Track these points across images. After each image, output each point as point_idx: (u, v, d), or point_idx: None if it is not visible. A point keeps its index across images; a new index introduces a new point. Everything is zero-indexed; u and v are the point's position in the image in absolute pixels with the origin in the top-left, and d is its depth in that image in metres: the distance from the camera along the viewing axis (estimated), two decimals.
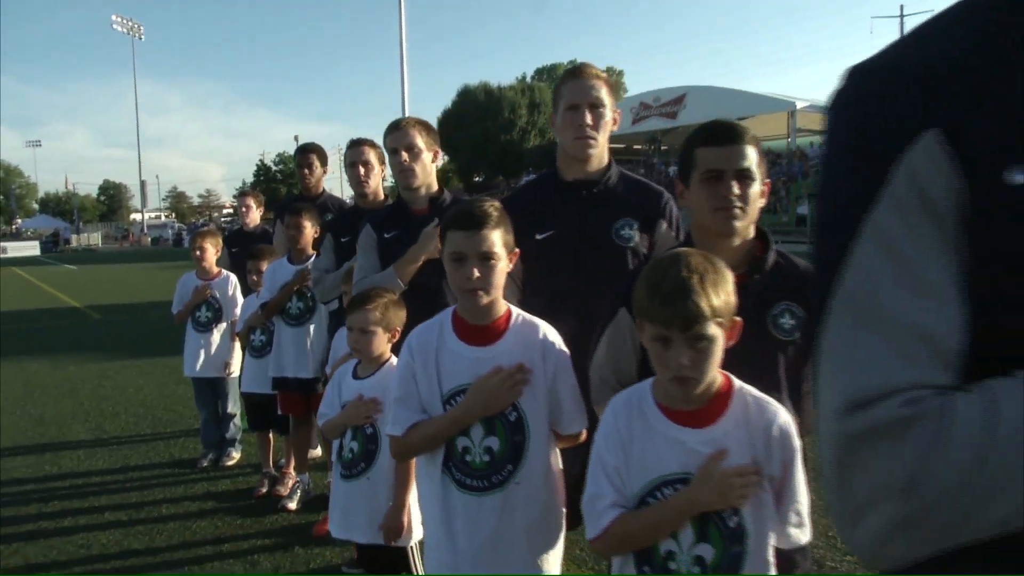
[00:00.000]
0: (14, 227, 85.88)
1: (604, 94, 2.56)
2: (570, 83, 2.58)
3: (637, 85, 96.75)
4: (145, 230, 75.34)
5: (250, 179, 66.13)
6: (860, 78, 0.85)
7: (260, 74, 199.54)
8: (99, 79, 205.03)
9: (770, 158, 44.74)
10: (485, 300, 1.95)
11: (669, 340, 1.55)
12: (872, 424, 0.71)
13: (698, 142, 1.94)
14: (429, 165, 3.14)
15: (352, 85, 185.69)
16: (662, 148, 54.13)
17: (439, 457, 2.01)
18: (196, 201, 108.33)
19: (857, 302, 0.75)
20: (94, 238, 72.71)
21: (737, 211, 1.85)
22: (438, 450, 2.00)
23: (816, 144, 45.15)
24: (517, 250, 2.04)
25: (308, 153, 5.06)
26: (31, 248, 55.37)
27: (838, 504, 0.74)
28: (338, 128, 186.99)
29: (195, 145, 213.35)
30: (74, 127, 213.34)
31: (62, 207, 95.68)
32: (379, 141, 3.50)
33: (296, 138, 74.21)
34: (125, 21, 73.85)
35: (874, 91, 0.82)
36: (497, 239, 1.93)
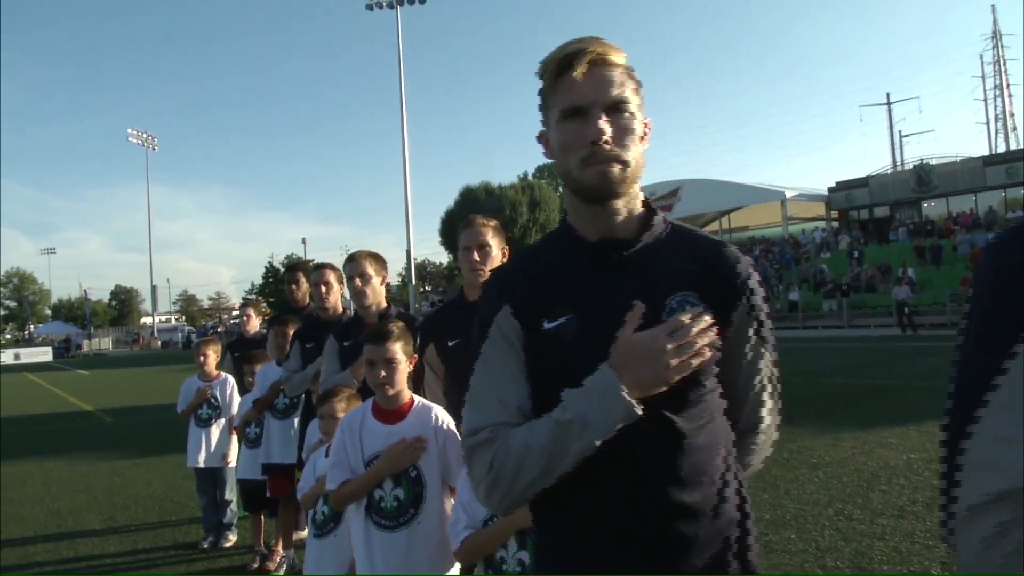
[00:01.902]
0: (27, 333, 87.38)
1: (490, 237, 3.25)
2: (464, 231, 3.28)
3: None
4: (155, 333, 76.37)
5: (259, 280, 67.44)
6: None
7: (270, 179, 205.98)
8: (113, 187, 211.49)
9: (764, 246, 46.01)
10: (391, 392, 2.78)
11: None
12: (474, 442, 1.50)
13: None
14: (378, 288, 4.02)
15: (357, 187, 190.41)
16: None
17: (363, 505, 2.80)
18: (206, 304, 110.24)
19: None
20: (105, 342, 73.95)
21: None
22: (362, 500, 2.80)
23: (807, 231, 46.42)
24: (415, 355, 2.88)
25: (295, 271, 5.97)
26: (43, 354, 56.51)
27: (472, 480, 1.53)
28: (345, 230, 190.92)
29: (206, 248, 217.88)
30: (87, 233, 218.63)
31: (74, 312, 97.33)
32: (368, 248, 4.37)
33: (303, 241, 76.09)
34: (140, 134, 77.11)
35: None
36: (398, 349, 2.78)
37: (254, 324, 6.85)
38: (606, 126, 1.43)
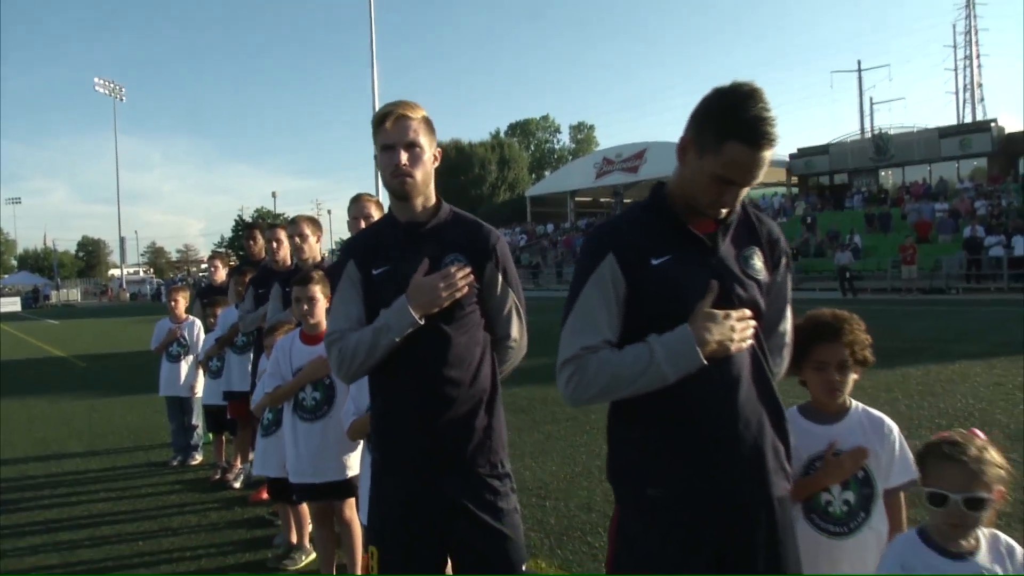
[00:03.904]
0: None
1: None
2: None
3: (607, 140, 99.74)
4: (124, 285, 76.26)
5: (228, 234, 67.50)
6: None
7: (239, 131, 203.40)
8: (80, 136, 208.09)
9: None
10: (312, 321, 3.82)
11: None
12: (329, 341, 2.54)
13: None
14: (315, 245, 5.02)
15: (328, 141, 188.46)
16: (624, 201, 56.58)
17: (291, 404, 3.86)
18: (175, 256, 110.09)
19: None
20: (73, 294, 73.70)
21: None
22: (290, 400, 3.85)
23: (767, 196, 47.73)
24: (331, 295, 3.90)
25: (252, 229, 6.94)
26: (12, 304, 56.54)
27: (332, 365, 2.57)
28: (317, 183, 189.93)
29: (174, 200, 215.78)
30: (54, 183, 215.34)
31: (41, 263, 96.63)
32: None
33: (274, 194, 76.22)
34: (107, 83, 75.88)
35: None
36: (317, 290, 3.80)
37: (221, 274, 7.79)
38: (404, 156, 2.43)
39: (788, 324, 2.26)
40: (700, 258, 2.02)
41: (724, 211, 2.01)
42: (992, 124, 40.59)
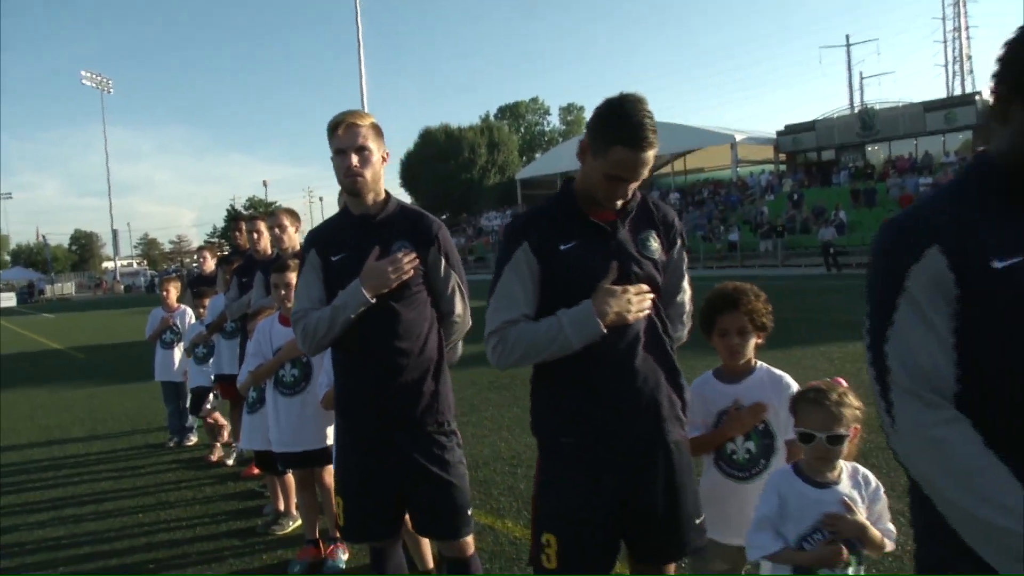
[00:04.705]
0: None
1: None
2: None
3: None
4: (118, 278, 76.41)
5: (221, 224, 67.69)
6: None
7: (231, 120, 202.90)
8: (68, 128, 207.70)
9: (712, 188, 47.60)
10: (288, 306, 4.20)
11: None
12: (295, 318, 2.93)
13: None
14: (293, 235, 5.38)
15: (319, 128, 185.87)
16: None
17: (272, 381, 4.25)
18: (168, 247, 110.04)
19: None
20: (67, 287, 73.99)
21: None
22: (271, 376, 4.24)
23: (755, 173, 48.04)
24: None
25: (237, 221, 7.28)
26: (8, 299, 56.81)
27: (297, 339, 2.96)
28: (308, 171, 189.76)
29: (166, 191, 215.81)
30: (43, 177, 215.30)
31: (34, 258, 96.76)
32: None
33: (264, 183, 76.50)
34: (94, 76, 75.72)
35: None
36: (293, 277, 4.17)
37: (210, 265, 8.16)
38: (355, 159, 2.84)
39: (686, 295, 2.64)
40: (602, 243, 2.38)
41: (620, 202, 2.37)
42: (977, 97, 40.85)
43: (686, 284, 2.64)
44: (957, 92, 56.33)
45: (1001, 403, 1.45)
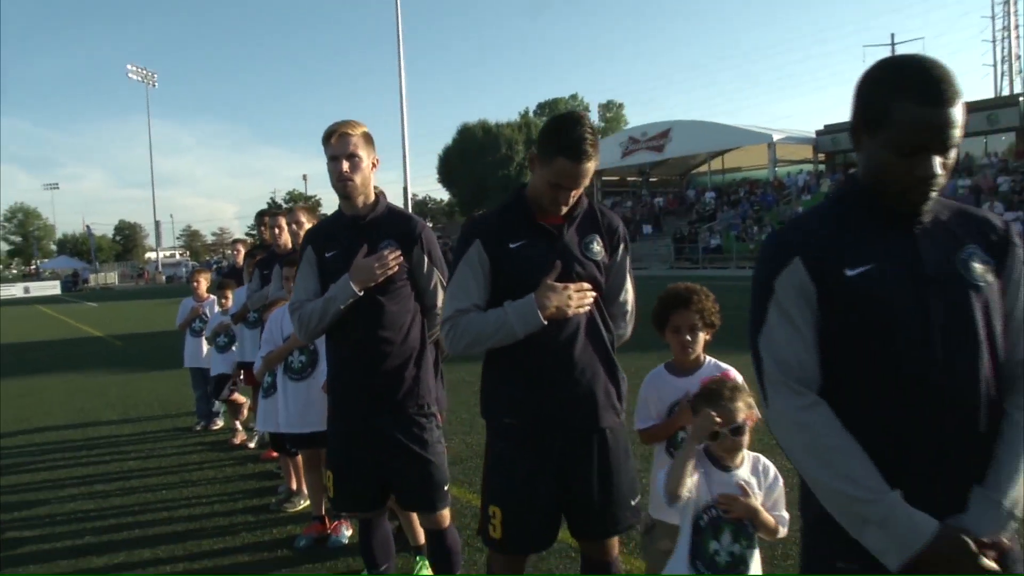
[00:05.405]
0: (33, 267, 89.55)
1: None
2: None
3: (637, 118, 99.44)
4: (160, 268, 77.84)
5: None
6: None
7: (270, 114, 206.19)
8: (113, 121, 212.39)
9: (748, 187, 47.25)
10: None
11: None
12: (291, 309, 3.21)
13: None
14: (306, 226, 5.68)
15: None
16: (651, 180, 56.71)
17: (283, 367, 4.54)
18: (210, 239, 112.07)
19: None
20: (111, 277, 75.50)
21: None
22: (282, 362, 4.54)
23: (792, 173, 47.61)
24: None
25: (263, 217, 7.61)
26: (52, 288, 58.44)
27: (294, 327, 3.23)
28: None
29: (208, 184, 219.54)
30: (90, 169, 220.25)
31: (79, 247, 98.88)
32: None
33: (304, 177, 77.51)
34: (140, 70, 77.12)
35: None
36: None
37: (243, 257, 8.53)
38: (346, 165, 3.12)
39: (629, 296, 2.86)
40: (548, 243, 2.62)
41: (564, 208, 2.61)
42: (1021, 99, 40.09)
43: (629, 285, 2.86)
44: (1005, 92, 55.05)
45: (855, 390, 1.68)
